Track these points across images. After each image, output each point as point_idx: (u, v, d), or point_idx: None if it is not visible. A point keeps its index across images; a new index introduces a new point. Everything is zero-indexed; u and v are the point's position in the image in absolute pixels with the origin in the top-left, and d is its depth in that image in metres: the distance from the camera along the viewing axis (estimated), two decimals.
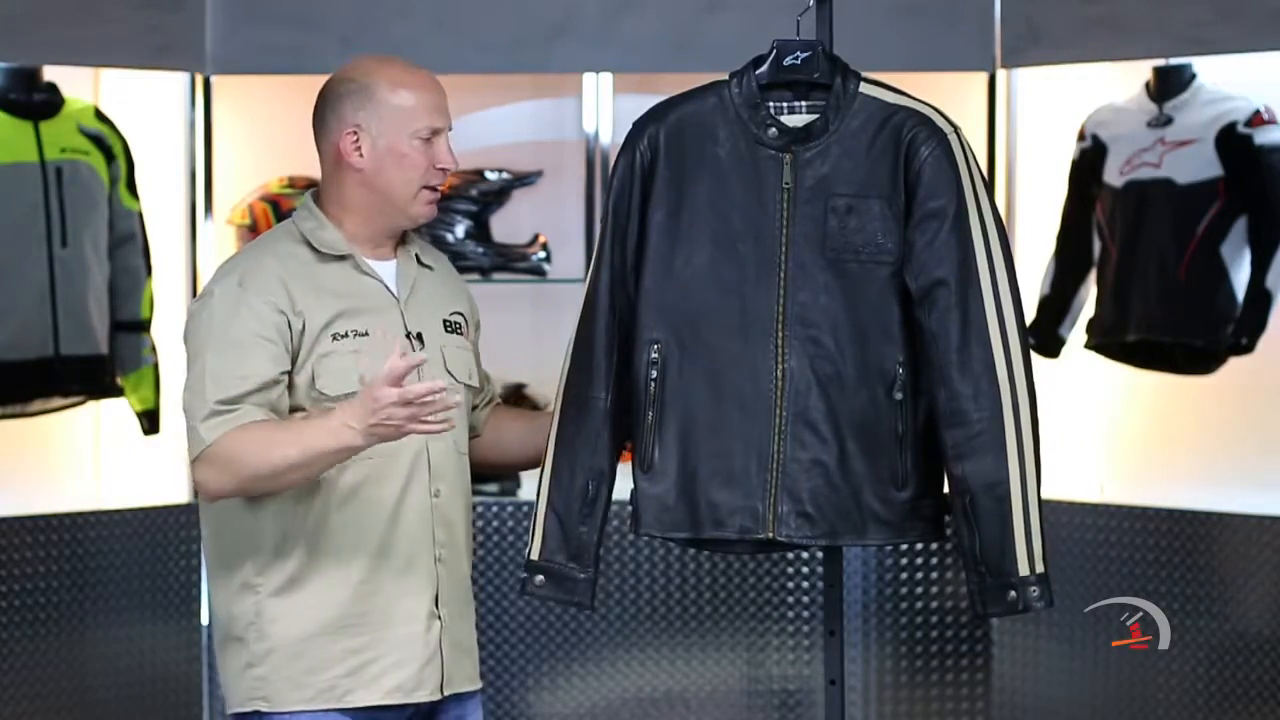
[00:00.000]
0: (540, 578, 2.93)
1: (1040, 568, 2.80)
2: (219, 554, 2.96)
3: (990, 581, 2.80)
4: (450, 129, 2.99)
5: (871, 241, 2.84)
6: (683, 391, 2.87)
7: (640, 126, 2.93)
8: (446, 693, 2.96)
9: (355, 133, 2.94)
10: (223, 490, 2.85)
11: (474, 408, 3.12)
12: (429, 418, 2.72)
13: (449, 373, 2.99)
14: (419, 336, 2.97)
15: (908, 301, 2.84)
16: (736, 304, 2.86)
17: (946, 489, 2.88)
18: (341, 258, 2.96)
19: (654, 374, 2.88)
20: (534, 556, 2.93)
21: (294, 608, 2.90)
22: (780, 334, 2.85)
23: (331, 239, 2.96)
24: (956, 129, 2.86)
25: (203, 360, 2.87)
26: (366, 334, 2.91)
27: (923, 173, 2.82)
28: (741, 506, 2.86)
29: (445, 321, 3.03)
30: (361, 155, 2.94)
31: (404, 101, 2.94)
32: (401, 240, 3.03)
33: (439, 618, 2.95)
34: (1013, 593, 2.79)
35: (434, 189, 2.97)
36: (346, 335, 2.91)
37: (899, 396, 2.84)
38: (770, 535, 2.86)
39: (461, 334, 3.06)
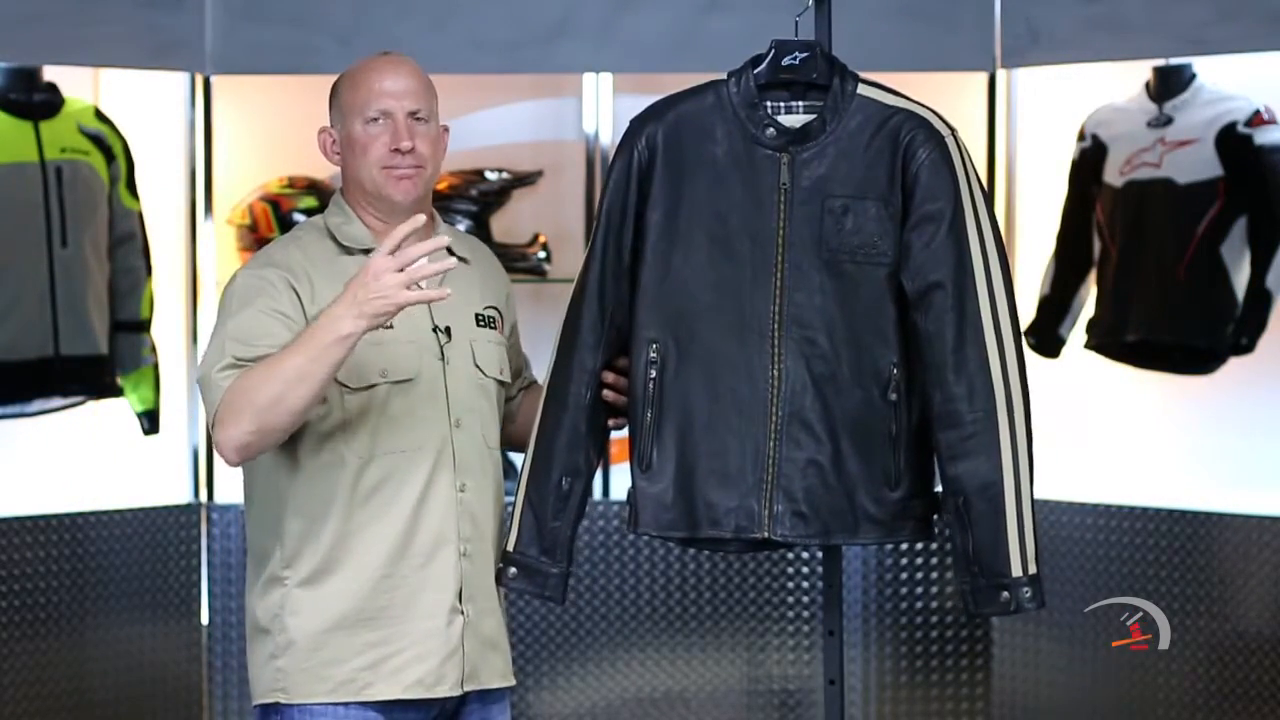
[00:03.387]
0: (513, 570, 2.96)
1: (1033, 569, 2.81)
2: (252, 547, 2.99)
3: (983, 582, 2.81)
4: (418, 114, 2.98)
5: (867, 243, 2.84)
6: (680, 391, 2.88)
7: (638, 125, 2.93)
8: (468, 688, 2.97)
9: (328, 132, 3.04)
10: (243, 437, 2.80)
11: (509, 399, 3.14)
12: (423, 283, 2.73)
13: (478, 367, 3.00)
14: (447, 330, 2.98)
15: (902, 303, 2.84)
16: (733, 304, 2.87)
17: (938, 489, 2.89)
18: (365, 251, 2.98)
19: (652, 373, 2.89)
20: (509, 548, 2.96)
21: (316, 600, 2.92)
22: (776, 334, 2.85)
23: (356, 233, 2.99)
24: (954, 131, 2.87)
25: (222, 331, 2.89)
26: (391, 326, 2.91)
27: (920, 175, 2.83)
28: (737, 506, 2.87)
29: (478, 315, 3.04)
30: (337, 153, 3.02)
31: (356, 90, 3.00)
32: (433, 232, 3.05)
33: (462, 613, 2.95)
34: (1005, 593, 2.80)
35: (398, 169, 2.97)
36: None
37: (893, 397, 2.85)
38: (765, 534, 2.87)
39: (495, 328, 3.07)
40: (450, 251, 3.04)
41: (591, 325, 2.92)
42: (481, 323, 3.04)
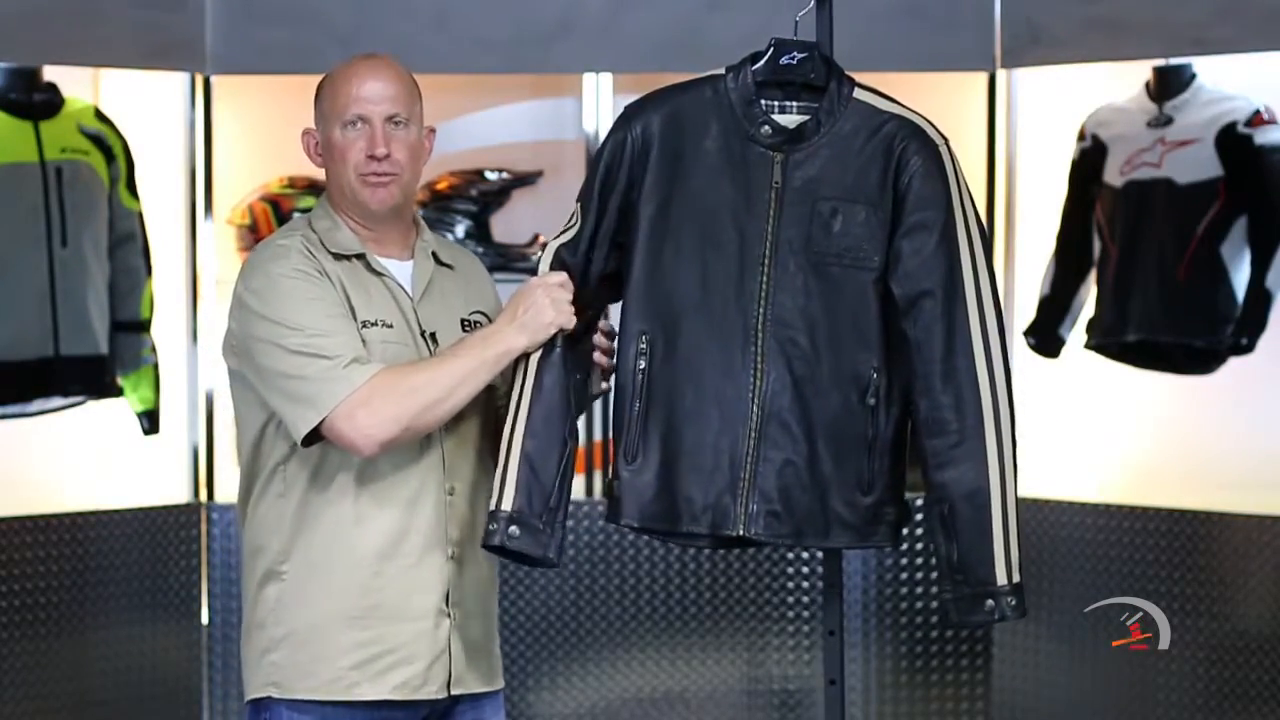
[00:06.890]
0: (514, 529, 2.84)
1: (1017, 577, 2.81)
2: (249, 543, 2.99)
3: (967, 591, 2.81)
4: (396, 119, 2.97)
5: (855, 246, 2.85)
6: (666, 385, 2.89)
7: (635, 112, 2.93)
8: (454, 692, 2.97)
9: (311, 134, 3.03)
10: (393, 431, 2.82)
11: (500, 405, 3.13)
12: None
13: None
14: (433, 336, 2.98)
15: (887, 308, 2.86)
16: (719, 301, 2.88)
17: (922, 497, 2.89)
18: (355, 256, 2.98)
19: (641, 364, 2.90)
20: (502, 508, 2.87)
21: (308, 596, 2.93)
22: (760, 333, 2.87)
23: (345, 239, 2.99)
24: (946, 140, 2.88)
25: (299, 336, 2.86)
26: (391, 325, 2.94)
27: (913, 183, 2.84)
28: (714, 503, 2.88)
29: (464, 321, 3.04)
30: (320, 155, 3.02)
31: (336, 94, 2.98)
32: (417, 238, 3.05)
33: (449, 616, 2.96)
34: (990, 601, 2.80)
35: (375, 175, 2.96)
36: (376, 324, 2.93)
37: (871, 402, 2.86)
38: (740, 532, 2.88)
39: None
40: (436, 259, 3.05)
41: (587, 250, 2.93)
42: (467, 327, 3.04)
